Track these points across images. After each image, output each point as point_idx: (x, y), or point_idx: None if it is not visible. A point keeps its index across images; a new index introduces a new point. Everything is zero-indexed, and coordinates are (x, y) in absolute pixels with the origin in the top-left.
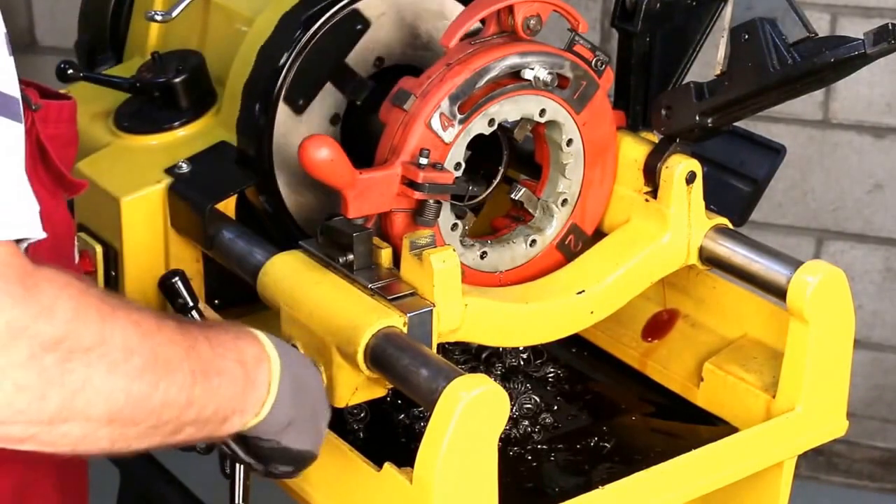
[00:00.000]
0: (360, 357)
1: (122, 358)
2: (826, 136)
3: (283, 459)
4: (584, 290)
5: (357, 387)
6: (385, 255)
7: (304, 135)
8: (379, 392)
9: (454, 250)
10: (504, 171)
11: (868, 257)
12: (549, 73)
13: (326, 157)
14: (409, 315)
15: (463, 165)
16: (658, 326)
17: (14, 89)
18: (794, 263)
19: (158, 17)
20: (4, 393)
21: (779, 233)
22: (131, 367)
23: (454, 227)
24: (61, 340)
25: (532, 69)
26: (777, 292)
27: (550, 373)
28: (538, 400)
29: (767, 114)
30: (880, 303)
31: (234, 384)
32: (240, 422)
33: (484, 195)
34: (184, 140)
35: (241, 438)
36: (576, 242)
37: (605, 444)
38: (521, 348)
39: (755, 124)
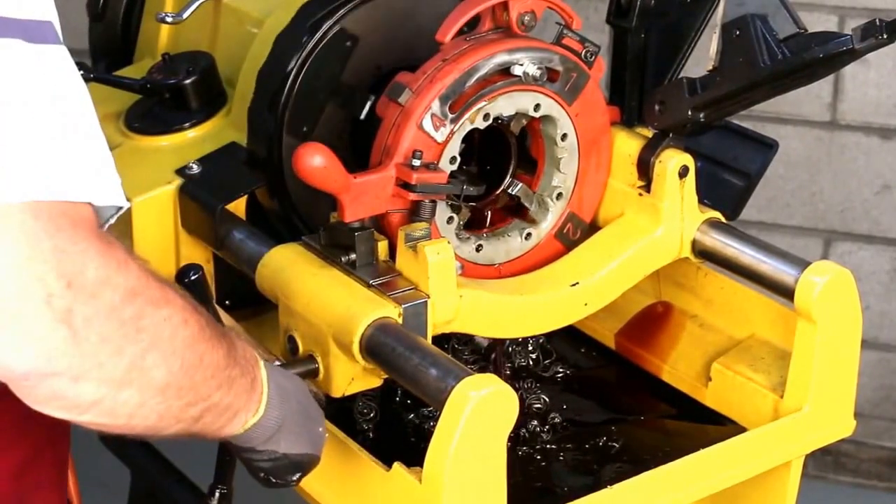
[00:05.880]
0: (355, 347)
1: (181, 322)
2: (834, 138)
3: (287, 469)
4: (578, 283)
5: (353, 377)
6: (381, 247)
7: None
8: (375, 382)
9: (449, 243)
10: (514, 172)
11: (876, 258)
12: (539, 68)
13: (320, 164)
14: (403, 306)
15: (458, 158)
16: (653, 319)
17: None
18: (802, 264)
19: (169, 19)
20: (90, 343)
21: (787, 233)
22: (187, 335)
23: (450, 220)
24: (137, 293)
25: (521, 65)
26: (785, 293)
27: (559, 373)
28: (547, 400)
29: (776, 115)
30: (888, 303)
31: (245, 378)
32: (243, 419)
33: (496, 194)
34: (194, 141)
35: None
36: (574, 230)
37: (614, 444)
38: (529, 348)
39: (763, 125)
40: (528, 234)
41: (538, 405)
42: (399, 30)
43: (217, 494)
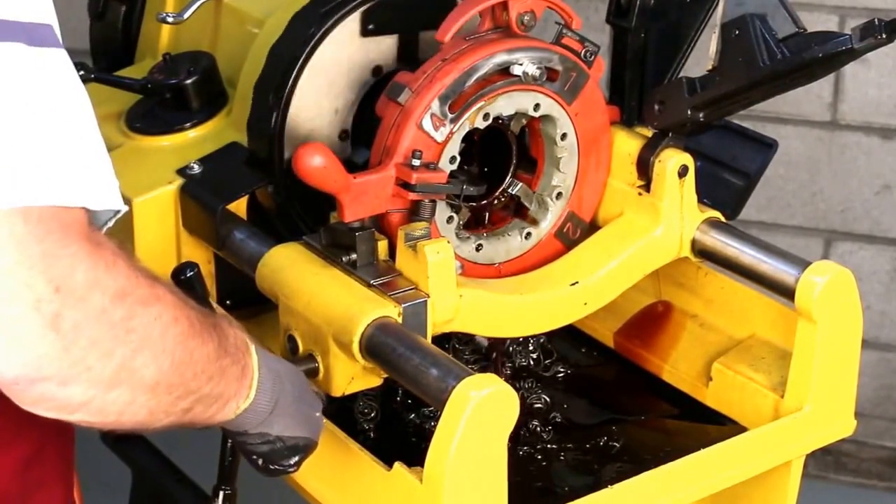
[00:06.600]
0: (355, 347)
1: (171, 320)
2: (834, 138)
3: (283, 453)
4: (577, 282)
5: (353, 376)
6: (381, 246)
7: None
8: (375, 381)
9: (449, 242)
10: (515, 172)
11: (876, 258)
12: (538, 68)
13: (319, 164)
14: (403, 305)
15: (458, 158)
16: (653, 319)
17: (44, 15)
18: (803, 264)
19: (170, 19)
20: (79, 348)
21: (787, 233)
22: (178, 332)
23: (450, 219)
24: (126, 294)
25: (521, 65)
26: (785, 292)
27: (560, 372)
28: (548, 399)
29: (776, 115)
30: (888, 303)
31: (236, 366)
32: (234, 406)
33: (496, 194)
34: (195, 141)
35: (236, 444)
36: (574, 230)
37: (614, 444)
38: (530, 347)
39: (763, 125)
40: (528, 234)
41: (539, 405)
42: (327, 98)
43: (221, 495)
